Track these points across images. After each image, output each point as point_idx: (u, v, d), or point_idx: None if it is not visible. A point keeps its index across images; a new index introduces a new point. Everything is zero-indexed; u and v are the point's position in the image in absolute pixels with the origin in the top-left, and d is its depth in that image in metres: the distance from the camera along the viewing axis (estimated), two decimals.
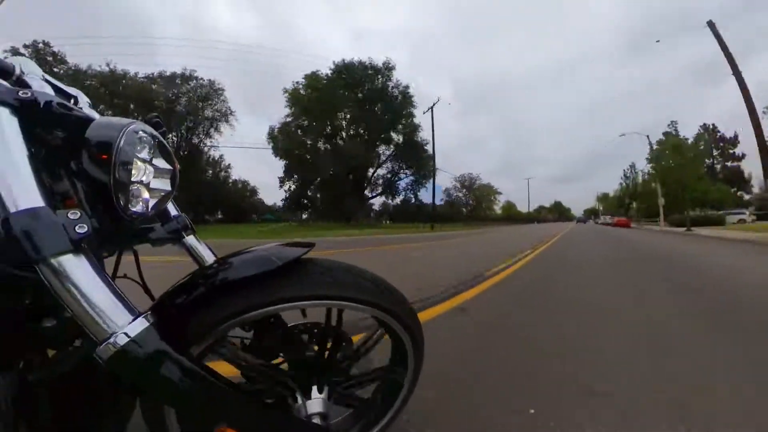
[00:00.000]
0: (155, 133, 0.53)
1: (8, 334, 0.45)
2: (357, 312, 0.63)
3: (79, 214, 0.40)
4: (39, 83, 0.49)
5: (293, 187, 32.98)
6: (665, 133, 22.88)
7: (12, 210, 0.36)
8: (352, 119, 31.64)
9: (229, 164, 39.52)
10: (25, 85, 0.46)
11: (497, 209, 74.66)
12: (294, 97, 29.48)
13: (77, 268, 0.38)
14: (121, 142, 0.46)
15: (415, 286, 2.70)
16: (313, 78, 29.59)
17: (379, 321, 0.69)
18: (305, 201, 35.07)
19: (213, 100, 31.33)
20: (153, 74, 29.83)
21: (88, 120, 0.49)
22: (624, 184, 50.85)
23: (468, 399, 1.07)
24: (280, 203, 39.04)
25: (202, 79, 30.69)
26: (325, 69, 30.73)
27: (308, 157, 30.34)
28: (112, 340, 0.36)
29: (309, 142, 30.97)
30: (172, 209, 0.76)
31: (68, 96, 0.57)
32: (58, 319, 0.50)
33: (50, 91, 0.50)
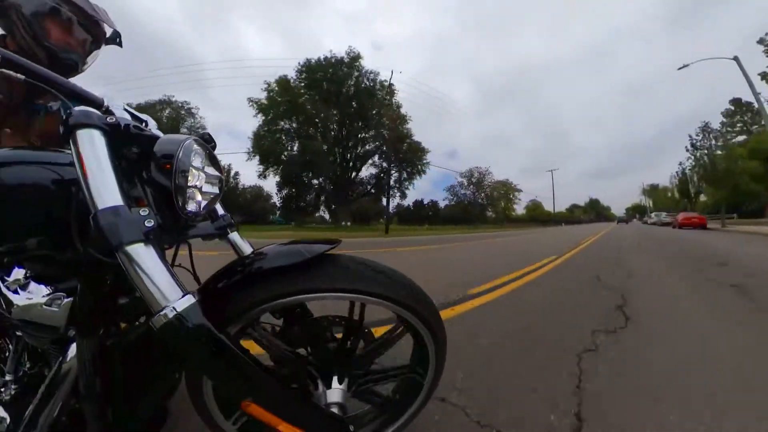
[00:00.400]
0: (206, 146, 0.63)
1: (93, 308, 0.57)
2: (378, 307, 0.65)
3: (147, 212, 0.49)
4: (120, 111, 0.61)
5: (288, 191, 32.04)
6: None
7: (99, 207, 0.47)
8: (325, 118, 29.04)
9: (237, 172, 42.39)
10: (111, 113, 0.58)
11: (519, 209, 65.61)
12: (261, 104, 28.21)
13: (145, 255, 0.47)
14: (180, 154, 0.56)
15: None
16: (281, 82, 28.26)
17: (400, 318, 0.70)
18: (301, 204, 33.62)
19: (186, 120, 34.16)
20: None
21: (155, 138, 0.60)
22: (693, 163, 33.47)
23: None
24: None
25: (177, 102, 33.58)
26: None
27: (284, 159, 28.77)
28: (163, 311, 0.45)
29: (283, 145, 29.12)
30: (219, 209, 0.86)
31: (141, 120, 0.69)
32: (130, 298, 0.61)
33: (128, 117, 0.63)
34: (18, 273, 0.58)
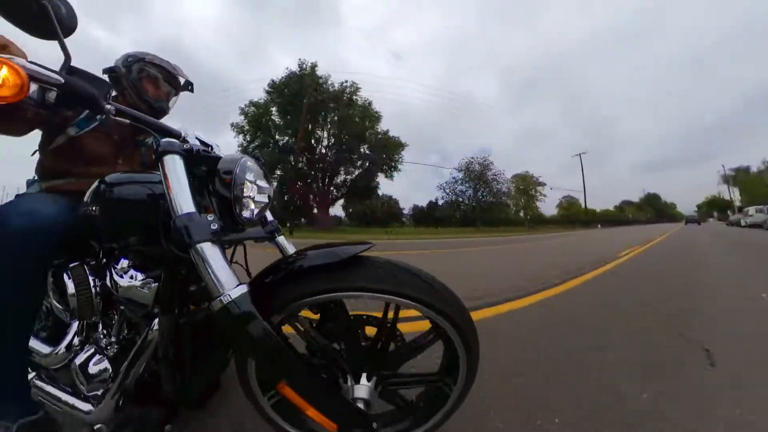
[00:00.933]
0: (258, 163, 0.76)
1: (171, 292, 0.71)
2: (409, 308, 0.66)
3: (213, 217, 0.62)
4: (193, 139, 0.75)
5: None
6: None
7: (178, 213, 0.60)
8: (286, 127, 28.92)
9: None
10: (186, 141, 0.71)
11: (548, 206, 53.62)
12: (241, 127, 28.89)
13: (210, 252, 0.58)
14: (237, 170, 0.70)
15: None
16: (253, 104, 29.12)
17: (434, 323, 0.70)
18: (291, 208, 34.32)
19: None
20: None
21: (219, 158, 0.74)
22: None
23: None
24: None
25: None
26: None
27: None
28: (220, 297, 0.55)
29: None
30: (268, 216, 0.98)
31: (207, 145, 0.83)
32: (198, 286, 0.74)
33: (198, 143, 0.75)
34: (123, 263, 0.76)
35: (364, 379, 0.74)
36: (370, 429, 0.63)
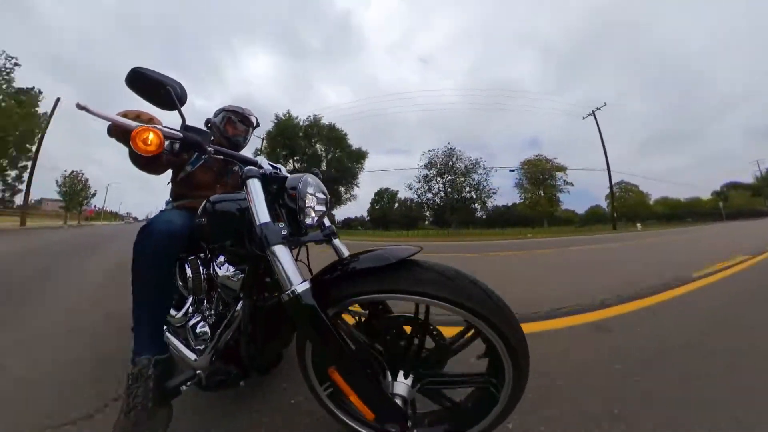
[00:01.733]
0: (316, 178, 0.93)
1: (252, 283, 0.91)
2: (450, 313, 0.68)
3: (283, 225, 0.78)
4: (266, 165, 0.94)
5: None
6: None
7: (258, 222, 0.77)
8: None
9: None
10: (261, 167, 0.90)
11: (574, 200, 38.84)
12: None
13: (282, 252, 0.73)
14: (300, 185, 0.87)
15: None
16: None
17: (473, 326, 0.71)
18: None
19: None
20: None
21: (286, 177, 0.91)
22: None
23: None
24: None
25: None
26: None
27: None
28: (288, 292, 0.69)
29: None
30: (326, 222, 1.09)
31: (276, 168, 1.02)
32: (272, 279, 0.92)
33: (269, 167, 0.95)
34: (221, 258, 1.01)
35: (401, 377, 0.78)
36: (404, 424, 0.68)
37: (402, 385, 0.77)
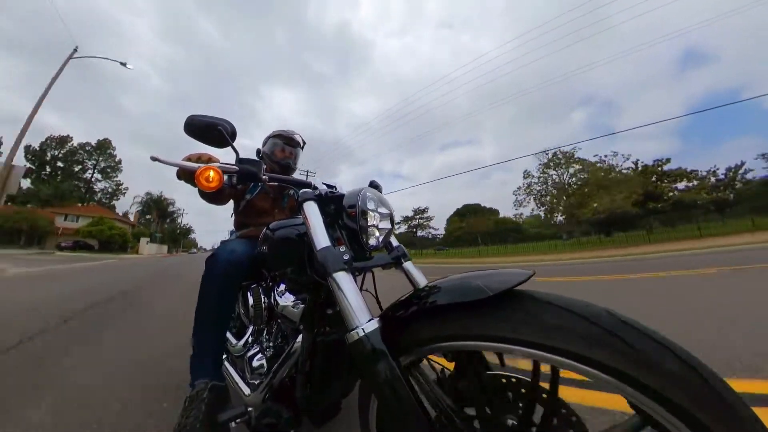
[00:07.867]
0: (376, 191, 0.81)
1: (313, 314, 0.81)
2: (585, 375, 0.42)
3: (344, 249, 0.67)
4: (321, 185, 0.85)
5: None
6: None
7: (317, 248, 0.67)
8: None
9: None
10: (316, 188, 0.83)
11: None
12: None
13: (344, 280, 0.62)
14: (359, 201, 0.75)
15: None
16: None
17: (632, 404, 0.42)
18: None
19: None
20: None
21: (343, 195, 0.82)
22: None
23: None
24: None
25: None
26: None
27: None
28: (353, 331, 0.56)
29: None
30: (393, 241, 0.93)
31: (331, 186, 0.94)
32: (334, 310, 0.81)
33: (324, 187, 0.85)
34: (281, 286, 0.94)
35: None
36: None
37: None
